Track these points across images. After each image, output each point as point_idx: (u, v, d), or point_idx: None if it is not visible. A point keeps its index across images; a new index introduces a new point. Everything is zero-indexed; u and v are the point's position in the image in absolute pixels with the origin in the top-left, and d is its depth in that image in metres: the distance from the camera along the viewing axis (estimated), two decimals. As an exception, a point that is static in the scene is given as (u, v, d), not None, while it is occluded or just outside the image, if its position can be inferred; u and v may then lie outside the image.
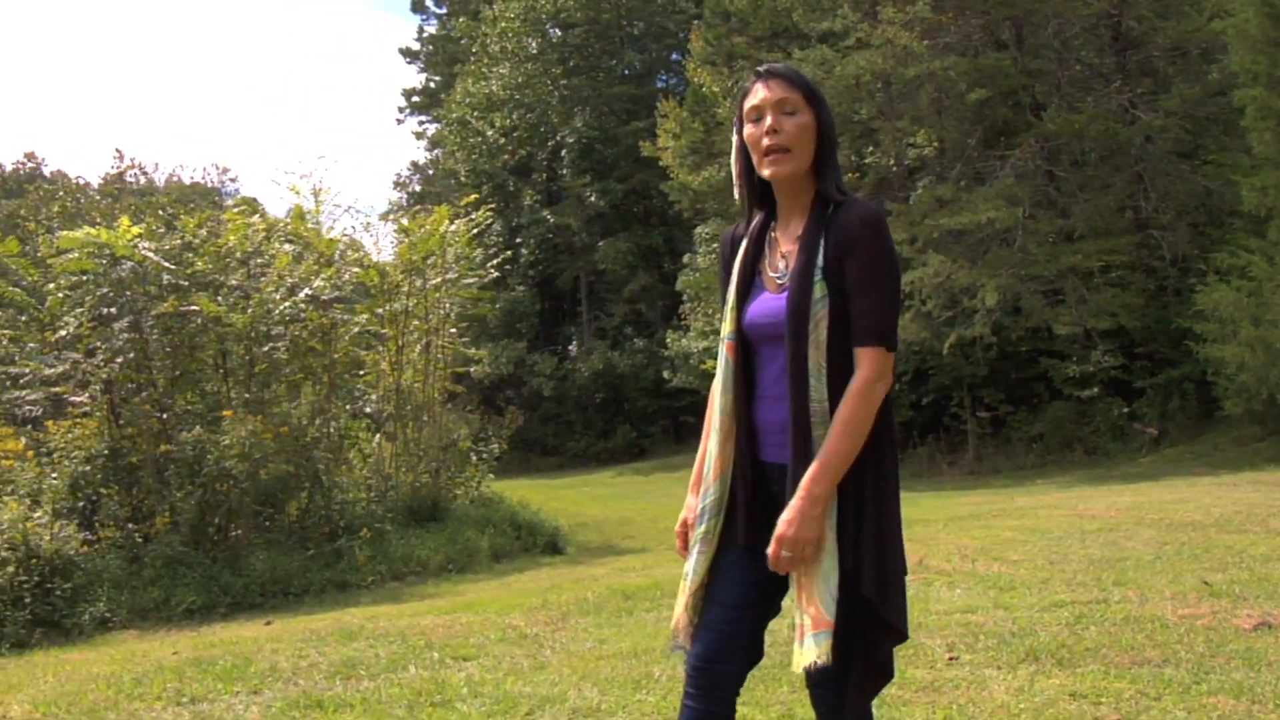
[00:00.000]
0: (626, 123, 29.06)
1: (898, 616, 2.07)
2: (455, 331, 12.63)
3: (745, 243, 2.26)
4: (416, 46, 43.63)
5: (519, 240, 29.28)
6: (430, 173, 41.92)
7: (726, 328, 2.22)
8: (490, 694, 3.93)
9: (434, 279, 11.69)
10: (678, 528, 2.34)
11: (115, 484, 8.74)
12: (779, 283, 2.16)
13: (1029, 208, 16.01)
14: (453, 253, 11.89)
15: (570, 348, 30.63)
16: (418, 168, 45.01)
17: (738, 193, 2.29)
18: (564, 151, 29.79)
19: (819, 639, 1.99)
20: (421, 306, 11.74)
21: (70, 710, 4.18)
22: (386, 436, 11.33)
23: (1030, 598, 4.97)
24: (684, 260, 24.44)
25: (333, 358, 10.44)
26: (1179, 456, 14.39)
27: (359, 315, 10.90)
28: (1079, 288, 15.74)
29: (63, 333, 9.01)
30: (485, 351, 24.41)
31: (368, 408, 11.73)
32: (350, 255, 11.60)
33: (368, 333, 11.30)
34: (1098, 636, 4.14)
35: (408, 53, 43.77)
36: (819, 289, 2.07)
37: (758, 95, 2.17)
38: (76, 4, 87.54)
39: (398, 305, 11.46)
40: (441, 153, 37.81)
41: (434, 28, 43.30)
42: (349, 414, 11.32)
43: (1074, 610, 4.62)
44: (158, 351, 9.20)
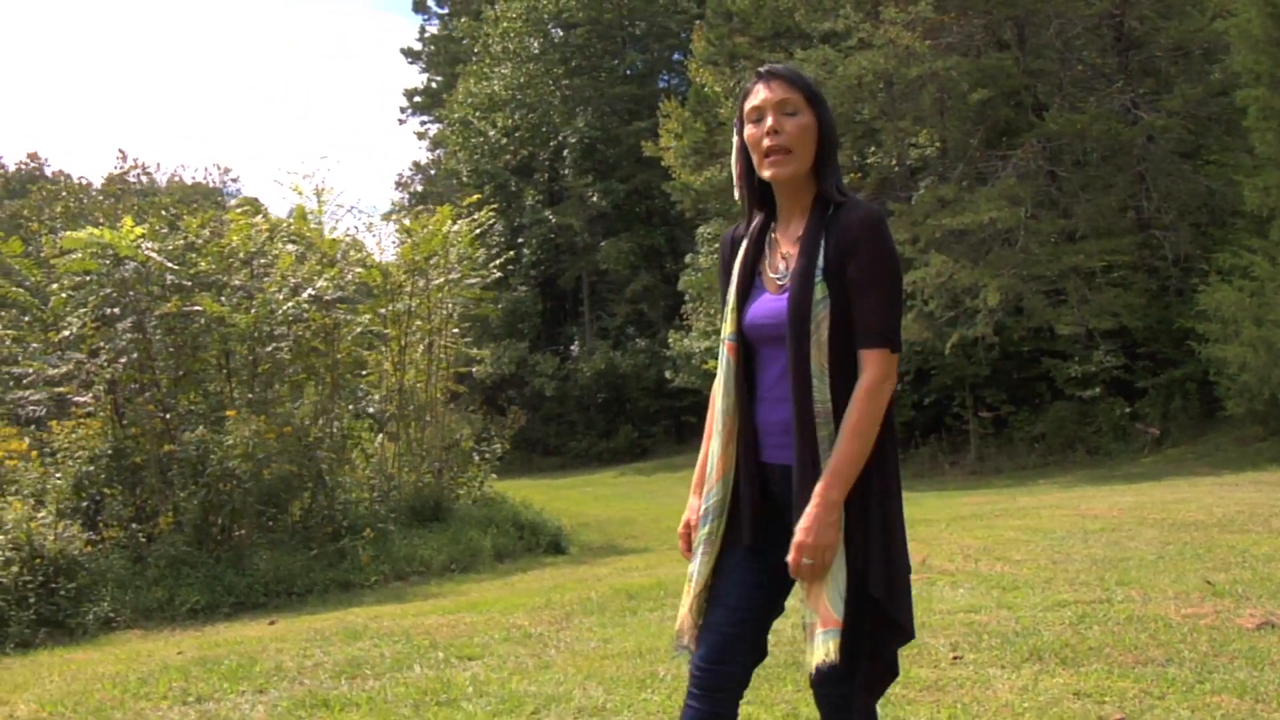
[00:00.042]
0: (628, 123, 29.05)
1: (905, 616, 2.08)
2: (458, 331, 12.62)
3: (745, 243, 2.26)
4: (418, 46, 43.67)
5: (521, 240, 29.28)
6: (432, 173, 41.91)
7: (727, 329, 2.22)
8: (495, 693, 3.94)
9: (436, 279, 11.70)
10: (681, 529, 2.34)
11: (119, 484, 8.75)
12: (779, 284, 2.16)
13: (1031, 208, 16.01)
14: (455, 253, 11.90)
15: (572, 348, 30.65)
16: (420, 168, 45.08)
17: (738, 193, 2.29)
18: (566, 151, 29.79)
19: (827, 638, 2.00)
20: (424, 306, 11.75)
21: (77, 709, 4.20)
22: (389, 436, 11.35)
23: (1033, 597, 4.97)
24: (686, 260, 24.44)
25: (335, 358, 10.45)
26: (1181, 456, 14.39)
27: (362, 315, 10.90)
28: (1081, 288, 15.74)
29: (66, 333, 9.02)
30: (488, 351, 24.46)
31: (370, 408, 11.75)
32: (353, 255, 11.62)
33: (370, 333, 11.30)
34: (1101, 636, 4.14)
35: (409, 53, 43.81)
36: (820, 290, 2.06)
37: (759, 96, 2.16)
38: (79, 4, 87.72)
39: (400, 305, 11.47)
40: (443, 153, 37.81)
41: (435, 28, 43.38)
42: (352, 414, 11.33)
43: (1077, 610, 4.62)
44: (161, 352, 9.22)
